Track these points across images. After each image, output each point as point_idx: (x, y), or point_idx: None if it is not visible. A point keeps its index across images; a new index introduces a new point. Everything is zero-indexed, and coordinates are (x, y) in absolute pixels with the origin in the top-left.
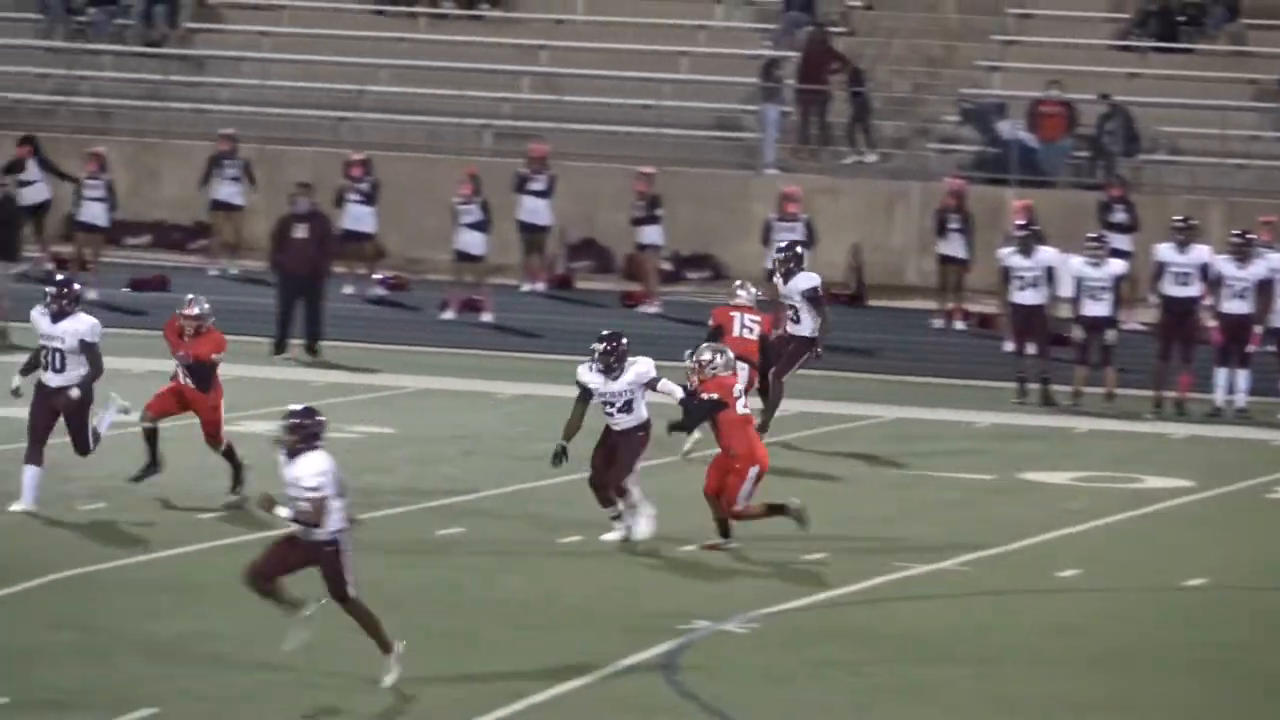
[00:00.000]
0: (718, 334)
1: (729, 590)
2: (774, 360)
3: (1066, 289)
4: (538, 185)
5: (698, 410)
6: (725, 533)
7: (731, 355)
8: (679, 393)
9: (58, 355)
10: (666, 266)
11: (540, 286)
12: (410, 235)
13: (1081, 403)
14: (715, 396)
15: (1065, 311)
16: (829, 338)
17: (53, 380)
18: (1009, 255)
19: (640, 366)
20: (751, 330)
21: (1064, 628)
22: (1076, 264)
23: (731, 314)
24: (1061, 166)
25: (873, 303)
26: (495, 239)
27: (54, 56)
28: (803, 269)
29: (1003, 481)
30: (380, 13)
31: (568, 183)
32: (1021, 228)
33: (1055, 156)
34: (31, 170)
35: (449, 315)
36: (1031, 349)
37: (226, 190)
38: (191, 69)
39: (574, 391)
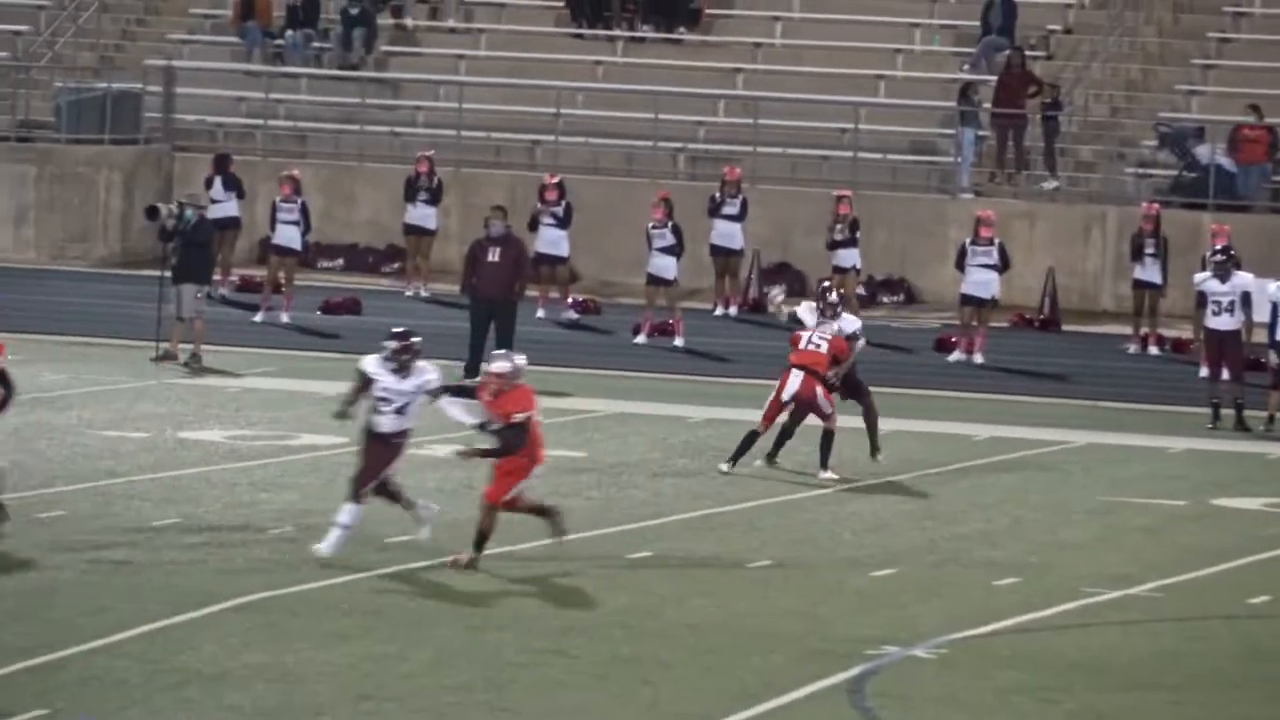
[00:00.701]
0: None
1: (917, 615)
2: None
3: (1263, 314)
4: (731, 209)
5: (515, 436)
6: (480, 547)
7: (522, 361)
8: (460, 416)
9: (402, 404)
10: (860, 291)
11: (733, 310)
12: (604, 259)
13: (1276, 428)
14: (526, 415)
15: (1261, 337)
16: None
17: (387, 425)
18: (1205, 280)
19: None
20: (819, 346)
21: (1256, 654)
22: (1273, 289)
23: (800, 333)
24: (1260, 191)
25: (1066, 327)
26: (689, 263)
27: (251, 80)
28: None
29: (1195, 507)
30: (578, 36)
31: (762, 207)
32: (1219, 252)
33: (1253, 181)
34: (217, 189)
35: (641, 339)
36: (1226, 375)
37: (420, 213)
38: (387, 93)
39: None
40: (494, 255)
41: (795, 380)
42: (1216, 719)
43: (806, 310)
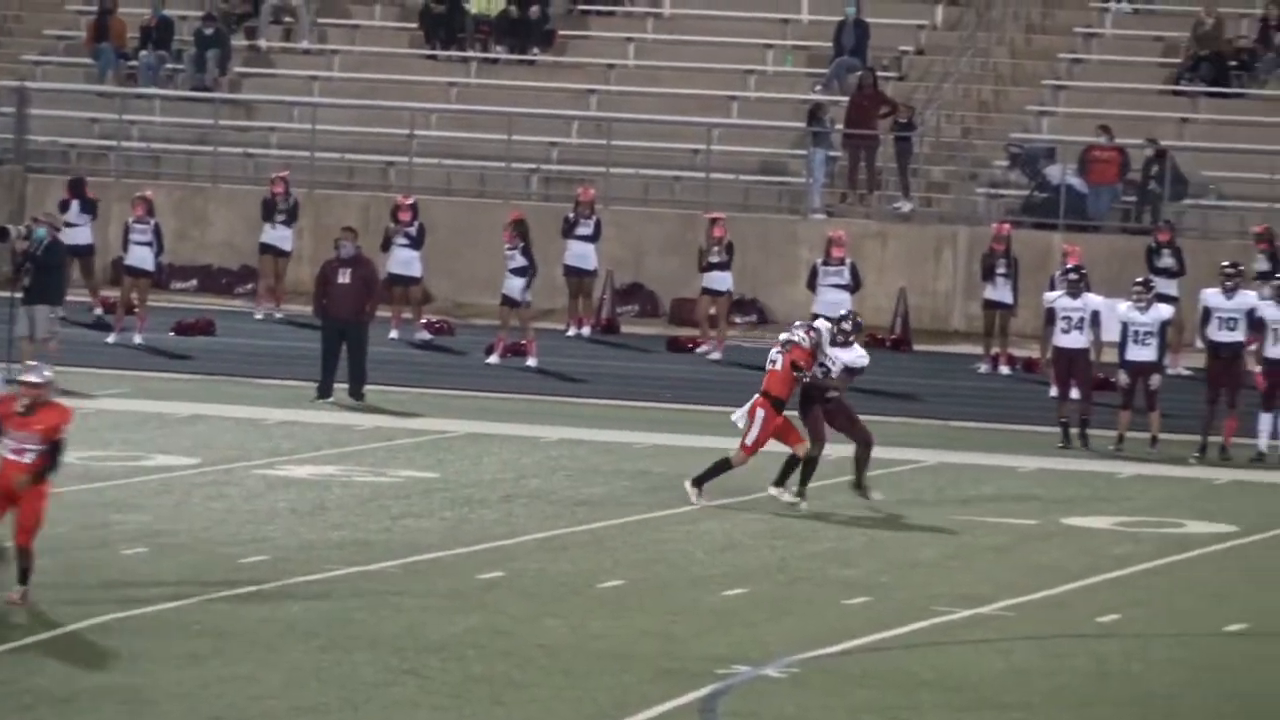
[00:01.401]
0: None
1: (768, 634)
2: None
3: (1113, 333)
4: (585, 230)
5: (59, 454)
6: (24, 579)
7: (51, 375)
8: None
9: None
10: (712, 311)
11: (586, 331)
12: (457, 280)
13: (1125, 448)
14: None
15: (1111, 357)
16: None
17: None
18: (1057, 298)
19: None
20: (774, 362)
21: (1106, 673)
22: (1123, 309)
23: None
24: (1110, 212)
25: (918, 347)
26: (543, 283)
27: (105, 101)
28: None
29: (1046, 526)
30: (431, 57)
31: (615, 227)
32: (1071, 270)
33: (1104, 202)
34: (73, 212)
35: (494, 360)
36: (1074, 393)
37: (277, 234)
38: (241, 114)
39: (619, 435)
40: (345, 277)
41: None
42: None
43: (825, 333)
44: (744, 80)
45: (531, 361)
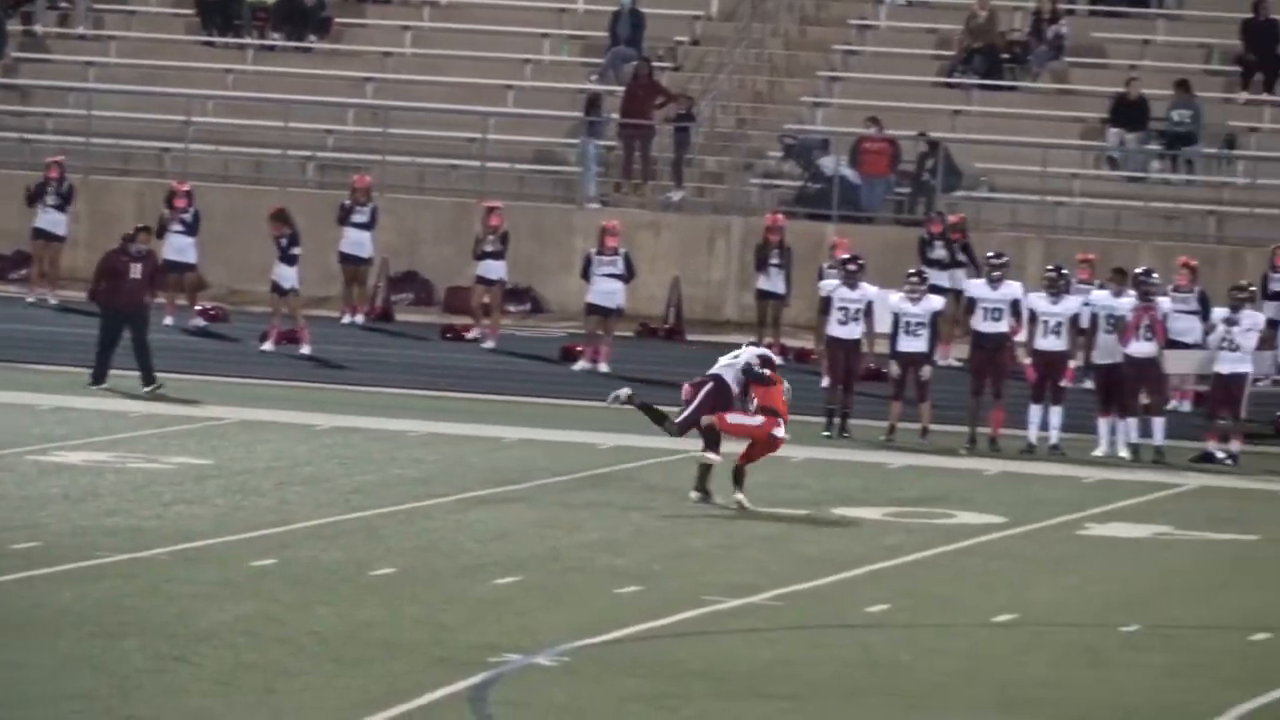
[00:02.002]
0: None
1: (540, 623)
2: None
3: (885, 324)
4: (361, 217)
5: None
6: None
7: None
8: None
9: None
10: (486, 300)
11: (360, 319)
12: (232, 266)
13: (896, 438)
14: None
15: (881, 347)
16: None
17: None
18: (835, 288)
19: None
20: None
21: (874, 663)
22: (895, 300)
23: None
24: (883, 203)
25: (691, 336)
26: (318, 271)
27: None
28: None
29: (817, 516)
30: (208, 44)
31: (391, 215)
32: (850, 260)
33: (877, 193)
34: None
35: (268, 347)
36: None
37: (50, 219)
38: (16, 99)
39: (392, 424)
40: (136, 272)
41: None
42: None
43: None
44: (520, 69)
45: (305, 349)
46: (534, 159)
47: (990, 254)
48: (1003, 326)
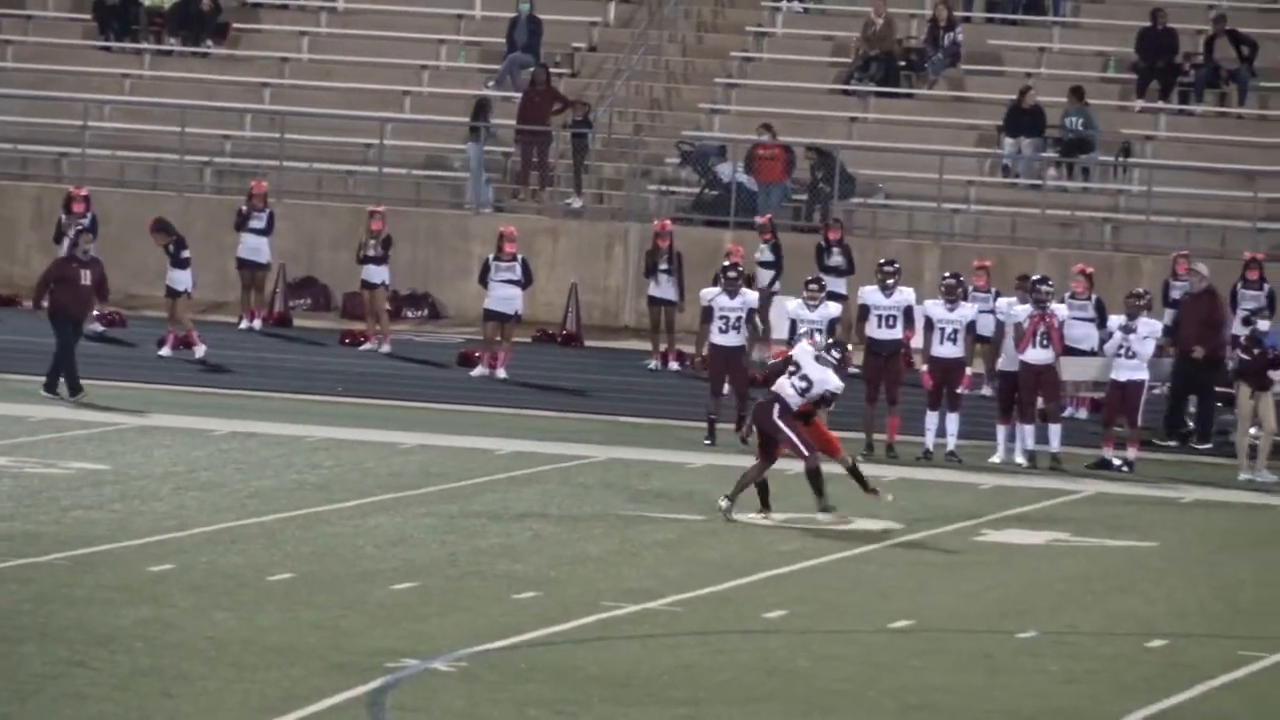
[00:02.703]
0: None
1: (437, 628)
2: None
3: (781, 331)
4: (258, 223)
5: None
6: None
7: None
8: None
9: None
10: (386, 306)
11: (258, 324)
12: (129, 271)
13: None
14: None
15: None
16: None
17: None
18: (715, 295)
19: None
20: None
21: (772, 669)
22: (792, 306)
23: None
24: (779, 209)
25: (589, 343)
26: (215, 276)
27: None
28: None
29: (714, 523)
30: (105, 49)
31: (288, 221)
32: (731, 269)
33: (773, 199)
34: None
35: (165, 352)
36: (728, 390)
37: None
38: None
39: (290, 429)
40: (86, 278)
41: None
42: None
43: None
44: (417, 75)
45: (200, 352)
46: (433, 165)
47: (883, 261)
48: (897, 333)
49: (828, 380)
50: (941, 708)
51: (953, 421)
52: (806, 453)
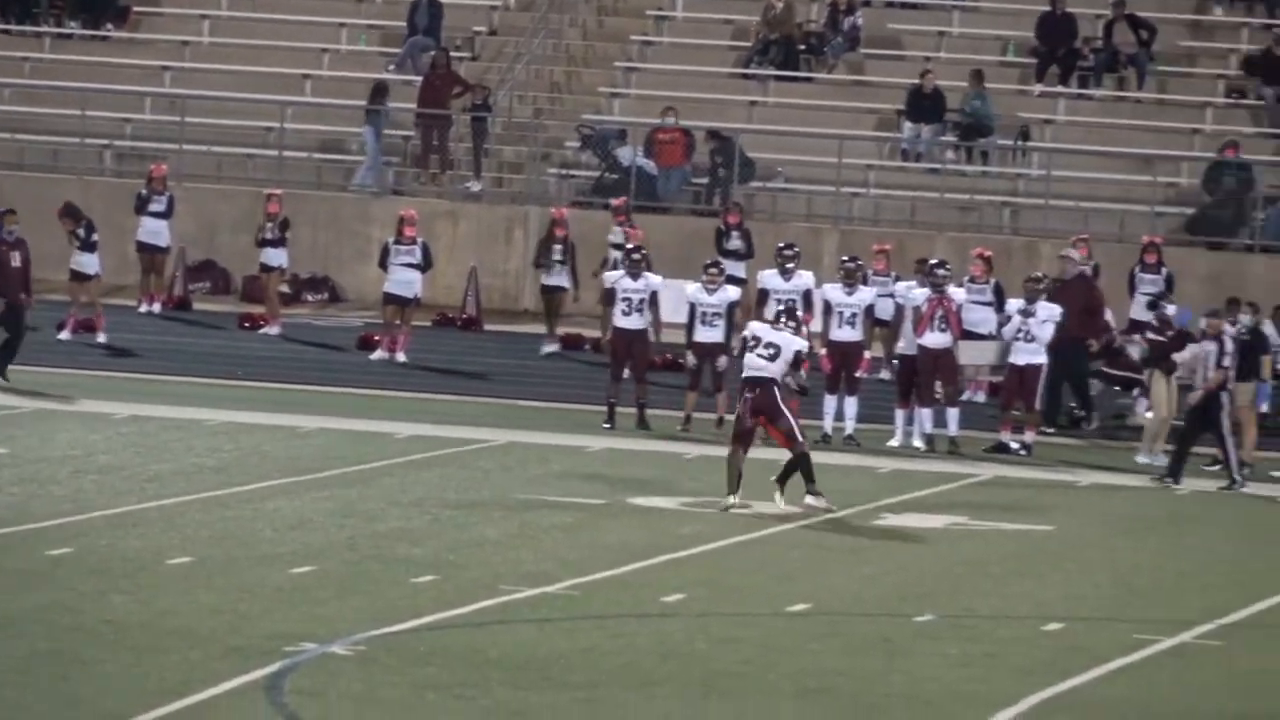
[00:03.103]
0: None
1: (336, 612)
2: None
3: (680, 314)
4: (158, 206)
5: None
6: None
7: None
8: None
9: None
10: (284, 289)
11: (158, 308)
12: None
13: (692, 428)
14: None
15: (670, 336)
16: None
17: None
18: (618, 278)
19: None
20: None
21: (671, 652)
22: (691, 290)
23: None
24: (679, 193)
25: (488, 327)
26: (116, 259)
27: None
28: None
29: (613, 506)
30: (4, 32)
31: (188, 204)
32: (634, 251)
33: (673, 183)
34: None
35: (65, 335)
36: (628, 373)
37: None
38: None
39: (189, 413)
40: (16, 260)
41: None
42: (633, 716)
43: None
44: (318, 59)
45: (102, 337)
46: (333, 148)
47: (782, 244)
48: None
49: (792, 342)
50: (839, 691)
51: (851, 405)
52: (801, 438)
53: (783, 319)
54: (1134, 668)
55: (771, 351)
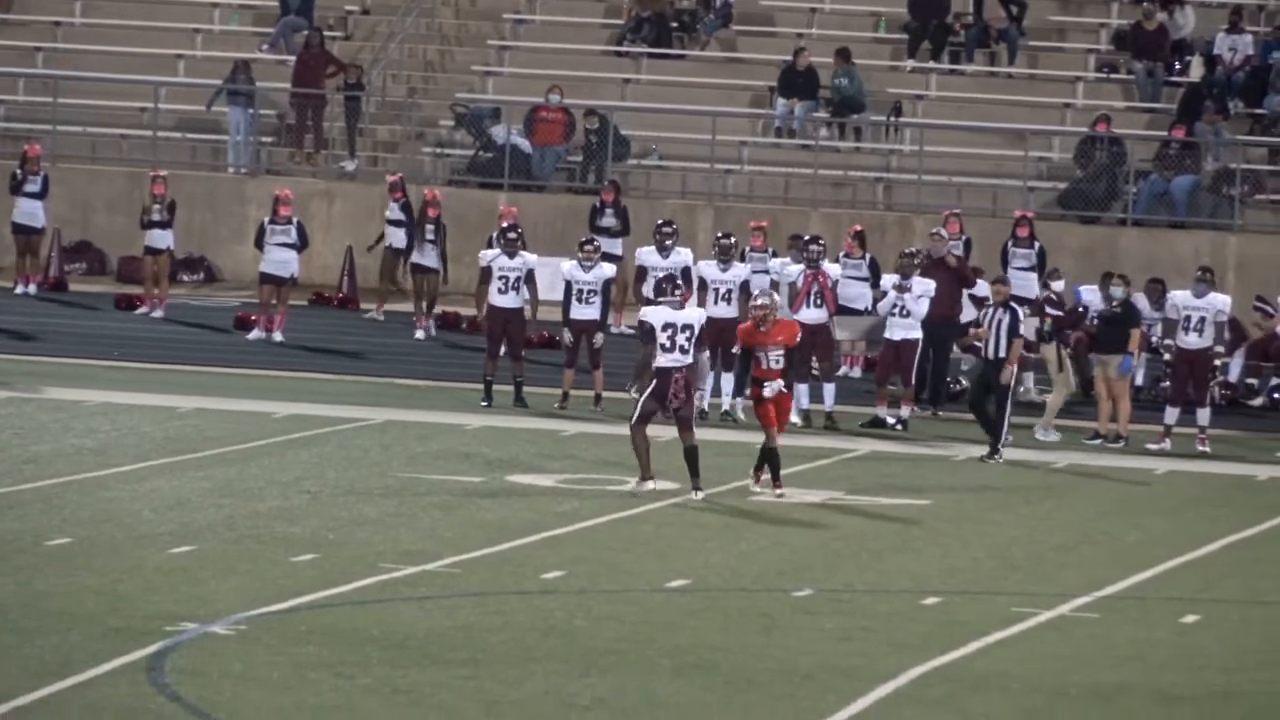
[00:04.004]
0: None
1: (215, 592)
2: None
3: (558, 292)
4: (33, 187)
5: None
6: None
7: None
8: None
9: None
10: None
11: (33, 289)
12: None
13: (569, 406)
14: None
15: (546, 314)
16: None
17: None
18: (495, 257)
19: None
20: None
21: (550, 628)
22: (567, 267)
23: None
24: (554, 171)
25: (365, 305)
26: None
27: None
28: None
29: (491, 484)
30: None
31: (62, 185)
32: (509, 229)
33: (549, 162)
34: None
35: None
36: (504, 351)
37: None
38: None
39: (67, 394)
40: None
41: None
42: (513, 693)
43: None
44: (190, 39)
45: None
46: (200, 128)
47: (661, 221)
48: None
49: (687, 313)
50: (718, 666)
51: (728, 381)
52: (779, 431)
53: (667, 287)
54: (1012, 641)
55: (682, 335)
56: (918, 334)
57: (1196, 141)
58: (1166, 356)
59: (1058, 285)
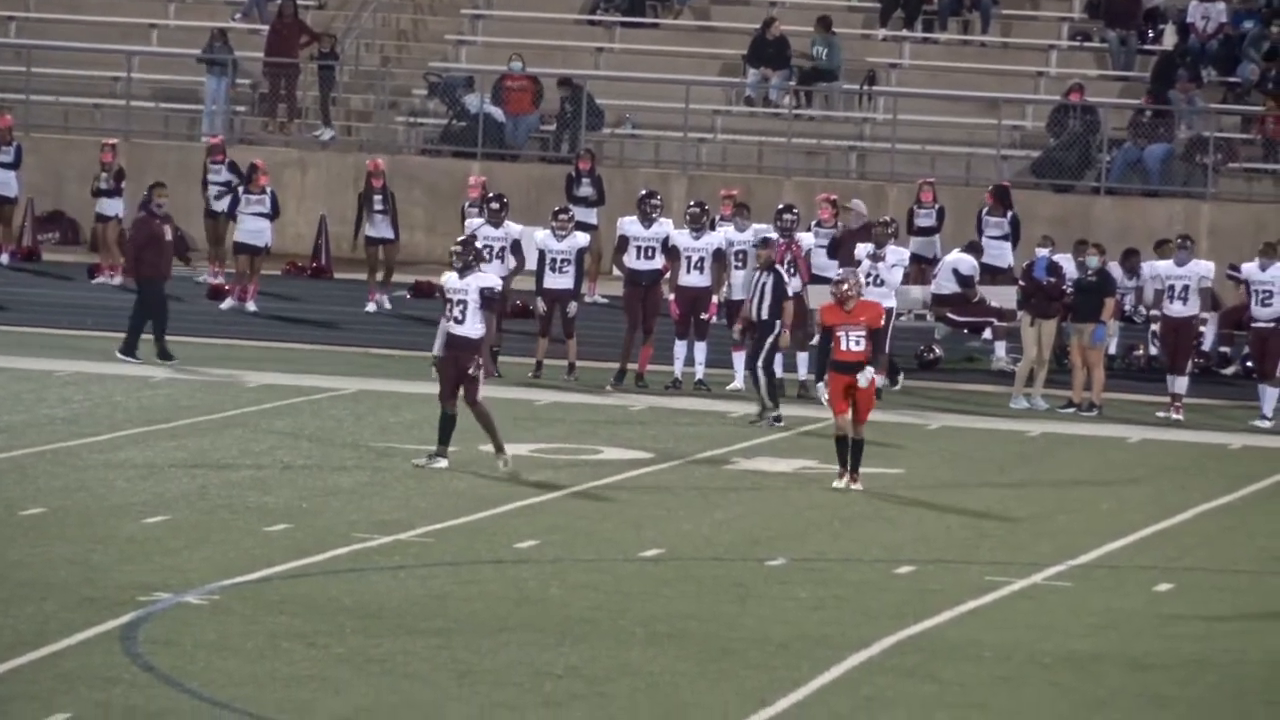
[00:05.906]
0: None
1: (189, 562)
2: None
3: (531, 261)
4: (5, 157)
5: None
6: None
7: None
8: None
9: None
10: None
11: (6, 259)
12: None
13: (543, 375)
14: None
15: (520, 283)
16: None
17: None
18: (479, 226)
19: None
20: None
21: (524, 598)
22: (540, 236)
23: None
24: (528, 140)
25: (338, 275)
26: None
27: None
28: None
29: (465, 454)
30: None
31: (35, 155)
32: (494, 199)
33: (522, 131)
34: None
35: None
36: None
37: None
38: None
39: (40, 364)
40: (168, 234)
41: None
42: (486, 662)
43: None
44: (164, 8)
45: None
46: (173, 97)
47: (645, 192)
48: (656, 264)
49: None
50: (692, 635)
51: (700, 350)
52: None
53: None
54: (986, 609)
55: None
56: (892, 302)
57: (1169, 110)
58: (1154, 328)
59: (1043, 252)
